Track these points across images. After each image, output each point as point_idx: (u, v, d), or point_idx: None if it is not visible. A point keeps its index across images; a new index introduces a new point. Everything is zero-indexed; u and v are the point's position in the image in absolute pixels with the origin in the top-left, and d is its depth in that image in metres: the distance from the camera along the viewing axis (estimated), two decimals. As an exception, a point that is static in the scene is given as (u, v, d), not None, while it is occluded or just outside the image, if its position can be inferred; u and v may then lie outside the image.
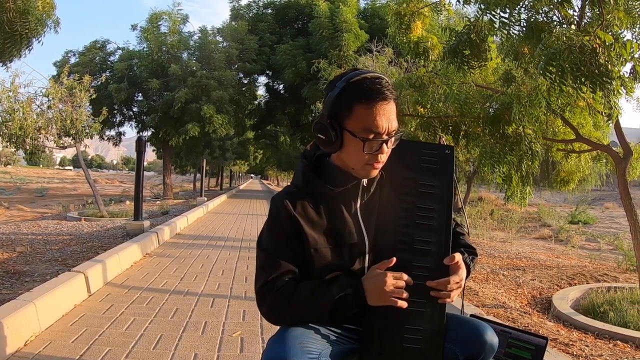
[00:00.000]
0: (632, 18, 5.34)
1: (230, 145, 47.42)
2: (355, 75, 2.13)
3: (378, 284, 2.08)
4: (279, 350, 1.93)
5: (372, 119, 2.07)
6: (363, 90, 2.08)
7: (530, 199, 8.48)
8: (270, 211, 2.30)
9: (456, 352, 2.16)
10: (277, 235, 2.24)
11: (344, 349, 2.21)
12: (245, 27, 33.02)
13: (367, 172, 2.19)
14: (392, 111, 2.13)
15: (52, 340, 4.37)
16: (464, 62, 6.82)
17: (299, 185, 2.30)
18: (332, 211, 2.25)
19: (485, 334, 2.15)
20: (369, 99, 2.06)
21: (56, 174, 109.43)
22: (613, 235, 14.72)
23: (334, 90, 2.15)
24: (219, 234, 13.38)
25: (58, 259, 7.81)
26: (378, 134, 2.10)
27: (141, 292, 6.32)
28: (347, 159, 2.18)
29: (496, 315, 6.03)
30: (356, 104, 2.08)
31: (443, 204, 2.26)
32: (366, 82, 2.10)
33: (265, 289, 2.18)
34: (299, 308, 2.12)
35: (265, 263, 2.23)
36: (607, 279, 9.06)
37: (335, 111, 2.14)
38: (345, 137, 2.13)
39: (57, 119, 15.04)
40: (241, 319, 5.38)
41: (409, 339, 2.14)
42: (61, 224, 13.41)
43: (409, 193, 2.26)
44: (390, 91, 2.11)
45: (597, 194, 33.66)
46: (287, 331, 2.04)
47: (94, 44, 32.72)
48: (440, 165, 2.30)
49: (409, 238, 2.21)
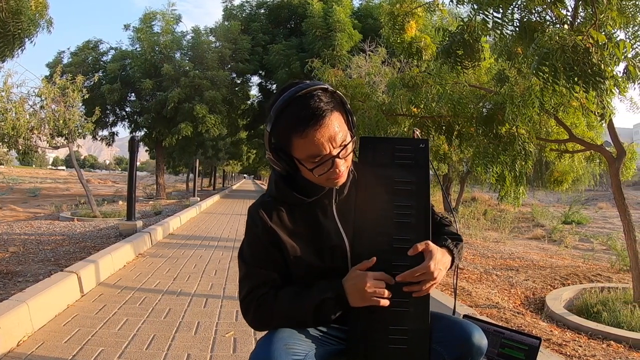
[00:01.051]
0: (626, 18, 5.34)
1: (223, 145, 47.52)
2: (282, 102, 2.05)
3: (359, 284, 2.06)
4: (264, 352, 1.94)
5: (313, 146, 2.03)
6: (293, 122, 2.02)
7: (523, 199, 8.48)
8: (247, 223, 2.31)
9: (443, 354, 2.15)
10: (256, 247, 2.25)
11: (330, 350, 2.23)
12: (238, 27, 32.97)
13: (332, 183, 2.18)
14: (333, 125, 2.05)
15: (45, 341, 4.38)
16: (457, 62, 6.81)
17: (273, 195, 2.30)
18: (309, 217, 2.26)
19: (473, 336, 2.12)
20: (302, 129, 2.00)
21: (49, 174, 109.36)
22: (606, 235, 14.75)
23: (267, 124, 2.11)
24: (212, 234, 13.41)
25: (51, 259, 7.80)
26: (326, 155, 2.06)
27: (134, 292, 6.35)
28: (308, 176, 2.16)
29: (489, 316, 6.03)
30: (291, 135, 2.04)
31: (420, 199, 2.23)
32: (294, 110, 2.03)
33: (248, 299, 2.19)
34: (282, 315, 2.12)
35: (246, 274, 2.25)
36: (600, 279, 9.08)
37: (277, 143, 2.12)
38: (296, 162, 2.12)
39: (50, 119, 15.06)
40: (234, 319, 5.40)
41: (395, 339, 2.13)
42: (54, 224, 13.41)
43: (385, 191, 2.23)
44: (324, 106, 2.03)
45: (591, 194, 33.85)
46: (275, 333, 2.05)
47: (87, 44, 32.60)
48: (415, 160, 2.27)
49: (388, 237, 2.18)
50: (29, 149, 15.25)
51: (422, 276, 2.08)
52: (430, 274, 2.07)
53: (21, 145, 14.74)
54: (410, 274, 2.07)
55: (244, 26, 34.25)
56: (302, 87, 2.07)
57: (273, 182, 2.30)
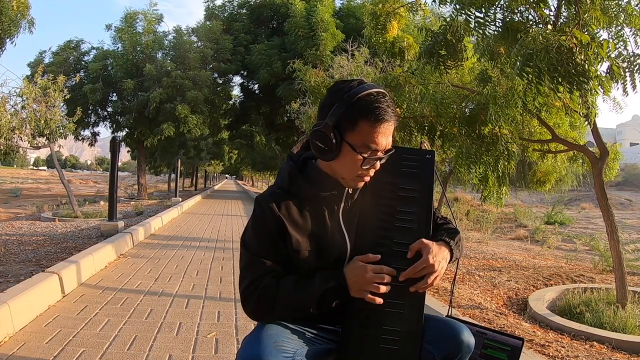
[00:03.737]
0: (609, 18, 5.33)
1: (205, 145, 47.65)
2: (362, 90, 2.13)
3: (359, 275, 2.13)
4: (254, 349, 1.96)
5: (374, 137, 2.12)
6: (370, 109, 2.10)
7: (506, 200, 8.49)
8: (254, 211, 2.31)
9: (433, 352, 2.20)
10: (261, 236, 2.25)
11: (319, 348, 2.25)
12: (219, 26, 33.07)
13: (356, 183, 2.24)
14: (391, 130, 2.18)
15: (26, 341, 4.40)
16: (440, 62, 6.80)
17: (284, 187, 2.31)
18: (315, 214, 2.29)
19: (462, 334, 2.20)
20: (375, 118, 2.10)
21: (30, 174, 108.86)
22: (589, 235, 14.79)
23: (341, 102, 2.14)
24: (194, 234, 13.47)
25: (32, 260, 7.81)
26: (376, 151, 2.15)
27: (115, 293, 6.36)
28: (339, 169, 2.22)
29: (472, 316, 6.06)
30: (361, 120, 2.11)
31: (423, 207, 2.30)
32: (373, 100, 2.12)
33: (250, 289, 2.20)
34: (284, 304, 2.15)
35: (249, 263, 2.26)
36: (583, 280, 9.10)
37: (339, 122, 2.14)
38: (343, 149, 2.15)
39: (31, 119, 15.07)
40: (216, 319, 5.44)
41: (387, 339, 2.17)
42: (35, 225, 13.43)
43: (389, 197, 2.30)
44: (394, 111, 2.15)
45: (574, 194, 34.01)
46: (263, 330, 2.08)
47: (68, 43, 32.44)
48: (421, 170, 2.35)
49: (389, 240, 2.23)
50: (10, 149, 15.22)
51: (424, 270, 2.16)
52: (430, 266, 2.16)
53: (2, 146, 14.69)
54: (411, 270, 2.15)
55: (226, 26, 34.36)
56: (377, 86, 2.20)
57: (286, 173, 2.32)
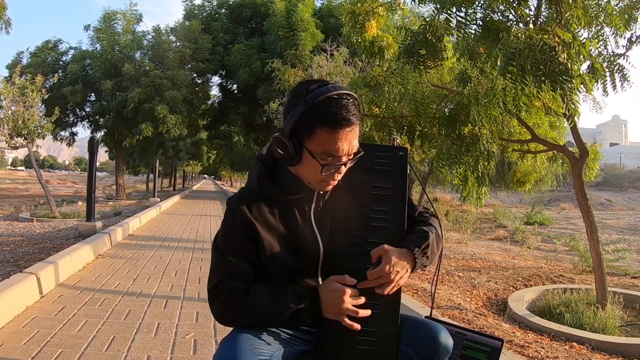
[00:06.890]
0: (589, 17, 5.33)
1: (183, 145, 47.69)
2: (321, 93, 2.04)
3: (335, 300, 2.06)
4: (229, 352, 1.93)
5: (334, 144, 2.03)
6: (328, 115, 2.01)
7: (486, 200, 8.49)
8: (225, 214, 2.26)
9: (411, 354, 2.18)
10: (232, 238, 2.20)
11: (296, 350, 2.23)
12: (198, 26, 33.09)
13: (323, 187, 2.20)
14: (355, 134, 2.08)
15: (4, 342, 4.39)
16: (419, 62, 6.79)
17: (254, 189, 2.26)
18: (287, 216, 2.24)
19: (439, 335, 2.17)
20: (334, 125, 2.01)
21: (8, 175, 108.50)
22: (569, 236, 14.82)
23: (298, 107, 2.06)
24: (172, 235, 13.48)
25: (10, 260, 7.80)
26: (338, 158, 2.07)
27: (94, 294, 6.34)
28: (303, 174, 2.16)
29: (451, 317, 6.04)
30: (319, 127, 2.02)
31: (396, 205, 2.28)
32: (332, 105, 2.02)
33: (217, 289, 2.15)
34: (252, 313, 2.10)
35: (219, 263, 2.20)
36: (563, 280, 9.12)
37: (296, 128, 2.07)
38: (304, 155, 2.08)
39: (9, 119, 15.14)
40: (194, 320, 5.45)
41: (363, 340, 2.15)
42: (13, 225, 13.37)
43: (362, 196, 2.27)
44: (356, 115, 2.05)
45: (553, 194, 34.29)
46: (239, 332, 2.05)
47: (46, 44, 32.31)
48: (394, 167, 2.33)
49: (362, 240, 2.20)
50: (-12, 149, 15.20)
51: (380, 280, 2.09)
52: (387, 275, 2.08)
53: (-21, 146, 14.67)
54: (368, 281, 2.10)
55: (205, 25, 34.40)
56: (339, 88, 2.09)
57: (255, 177, 2.28)
